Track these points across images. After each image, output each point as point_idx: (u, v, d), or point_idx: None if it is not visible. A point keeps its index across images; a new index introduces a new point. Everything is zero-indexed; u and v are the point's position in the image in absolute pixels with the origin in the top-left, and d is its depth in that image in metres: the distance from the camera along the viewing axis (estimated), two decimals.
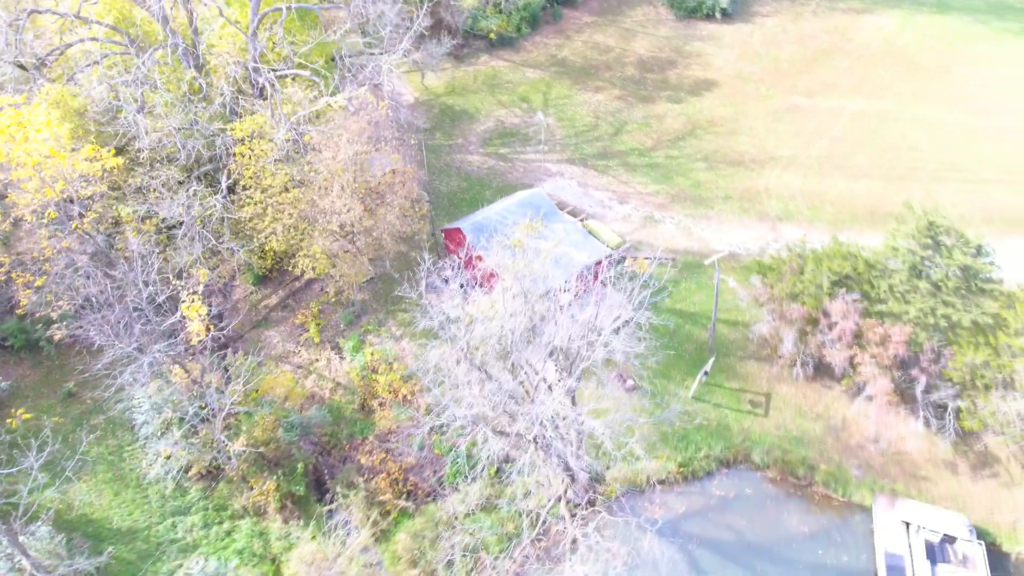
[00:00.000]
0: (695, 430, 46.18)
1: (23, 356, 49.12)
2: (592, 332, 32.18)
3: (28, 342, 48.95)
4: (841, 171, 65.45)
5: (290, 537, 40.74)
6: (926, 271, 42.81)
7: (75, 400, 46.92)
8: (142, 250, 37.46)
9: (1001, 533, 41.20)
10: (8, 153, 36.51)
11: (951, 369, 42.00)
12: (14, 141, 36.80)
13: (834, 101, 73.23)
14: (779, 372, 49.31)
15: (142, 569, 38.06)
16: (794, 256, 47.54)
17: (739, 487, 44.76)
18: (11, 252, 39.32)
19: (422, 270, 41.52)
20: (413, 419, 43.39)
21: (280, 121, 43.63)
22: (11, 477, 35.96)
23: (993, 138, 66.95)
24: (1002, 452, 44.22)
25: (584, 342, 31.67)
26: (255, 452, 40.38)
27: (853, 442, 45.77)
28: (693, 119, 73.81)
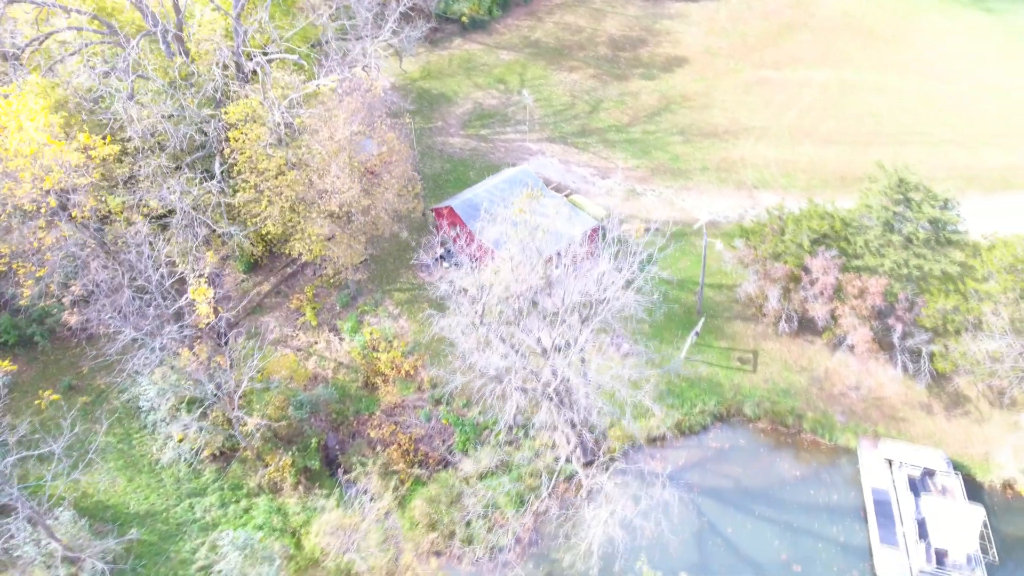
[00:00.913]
0: (689, 388, 48.42)
1: (17, 352, 48.72)
2: (602, 289, 33.82)
3: (21, 338, 48.59)
4: (811, 139, 68.30)
5: (307, 511, 41.72)
6: (898, 226, 45.59)
7: (76, 392, 46.82)
8: (150, 236, 37.65)
9: (975, 465, 44.45)
10: (3, 143, 36.24)
11: (924, 316, 44.93)
12: (7, 131, 36.56)
13: (800, 73, 76.07)
14: (764, 330, 51.86)
15: (165, 549, 38.66)
16: (774, 219, 49.95)
17: (733, 439, 47.22)
18: (7, 244, 39.02)
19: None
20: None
21: (273, 104, 44.00)
22: (35, 469, 36.13)
23: (950, 103, 70.58)
24: (972, 391, 47.50)
25: (597, 297, 33.31)
26: (269, 430, 41.13)
27: (836, 391, 48.58)
28: (667, 95, 75.89)
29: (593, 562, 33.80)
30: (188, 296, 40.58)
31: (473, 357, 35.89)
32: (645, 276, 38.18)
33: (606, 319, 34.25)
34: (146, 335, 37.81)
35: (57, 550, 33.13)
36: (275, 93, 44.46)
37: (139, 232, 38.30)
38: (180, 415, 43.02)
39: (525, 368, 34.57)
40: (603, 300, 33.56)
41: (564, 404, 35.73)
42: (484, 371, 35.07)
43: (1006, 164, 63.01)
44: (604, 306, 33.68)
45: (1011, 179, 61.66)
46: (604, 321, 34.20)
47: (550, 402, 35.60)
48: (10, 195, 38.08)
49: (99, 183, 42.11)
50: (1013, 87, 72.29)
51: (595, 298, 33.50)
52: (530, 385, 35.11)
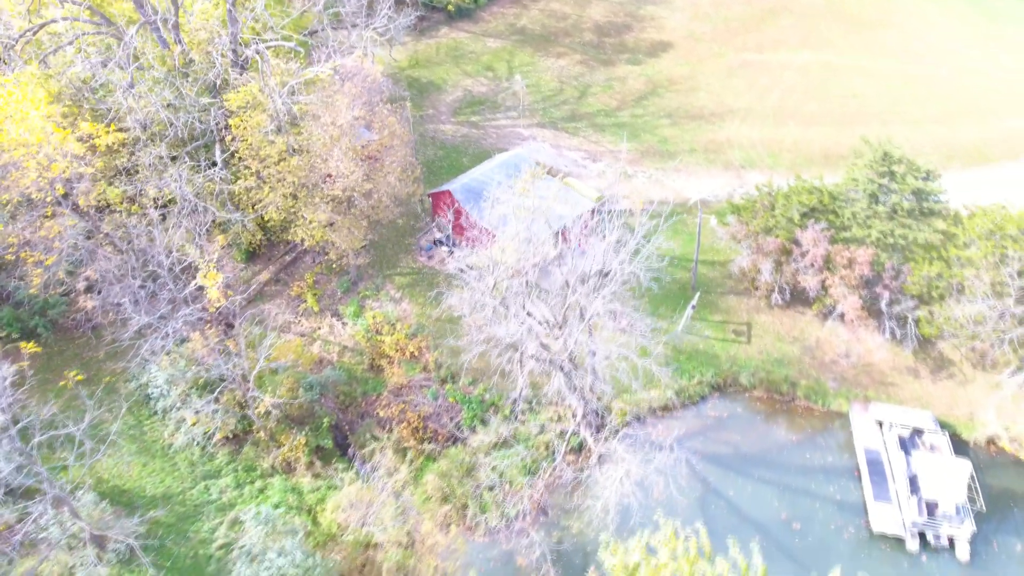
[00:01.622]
0: (687, 360, 49.98)
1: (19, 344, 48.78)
2: (611, 258, 35.10)
3: (24, 330, 48.60)
4: (795, 120, 70.16)
5: (322, 489, 42.61)
6: (883, 198, 47.45)
7: (82, 383, 47.02)
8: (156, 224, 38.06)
9: (960, 424, 46.62)
10: (9, 131, 36.41)
11: (910, 283, 46.90)
12: (12, 119, 36.72)
13: (782, 56, 77.88)
14: (757, 303, 53.60)
15: (185, 529, 39.30)
16: (764, 195, 51.59)
17: (731, 407, 48.92)
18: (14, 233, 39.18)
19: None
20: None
21: (273, 91, 44.48)
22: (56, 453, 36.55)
23: (928, 82, 72.88)
24: (955, 355, 49.69)
25: (606, 266, 34.57)
26: (281, 411, 41.88)
27: (827, 359, 50.49)
28: (653, 79, 77.27)
29: (610, 519, 35.18)
30: (196, 281, 41.15)
31: (491, 327, 36.89)
32: (652, 245, 39.48)
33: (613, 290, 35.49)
34: (158, 320, 38.27)
35: (83, 530, 33.67)
36: (275, 80, 44.92)
37: (150, 218, 38.61)
38: (191, 400, 43.65)
39: (538, 337, 35.71)
40: (610, 272, 34.81)
41: (574, 373, 36.95)
42: (501, 339, 36.11)
43: (983, 139, 65.42)
44: (613, 275, 34.93)
45: (988, 153, 64.08)
46: (612, 292, 35.44)
47: (561, 371, 36.80)
48: (15, 184, 38.27)
49: (101, 172, 42.29)
50: (989, 67, 74.84)
51: (605, 267, 34.74)
52: (544, 355, 36.25)
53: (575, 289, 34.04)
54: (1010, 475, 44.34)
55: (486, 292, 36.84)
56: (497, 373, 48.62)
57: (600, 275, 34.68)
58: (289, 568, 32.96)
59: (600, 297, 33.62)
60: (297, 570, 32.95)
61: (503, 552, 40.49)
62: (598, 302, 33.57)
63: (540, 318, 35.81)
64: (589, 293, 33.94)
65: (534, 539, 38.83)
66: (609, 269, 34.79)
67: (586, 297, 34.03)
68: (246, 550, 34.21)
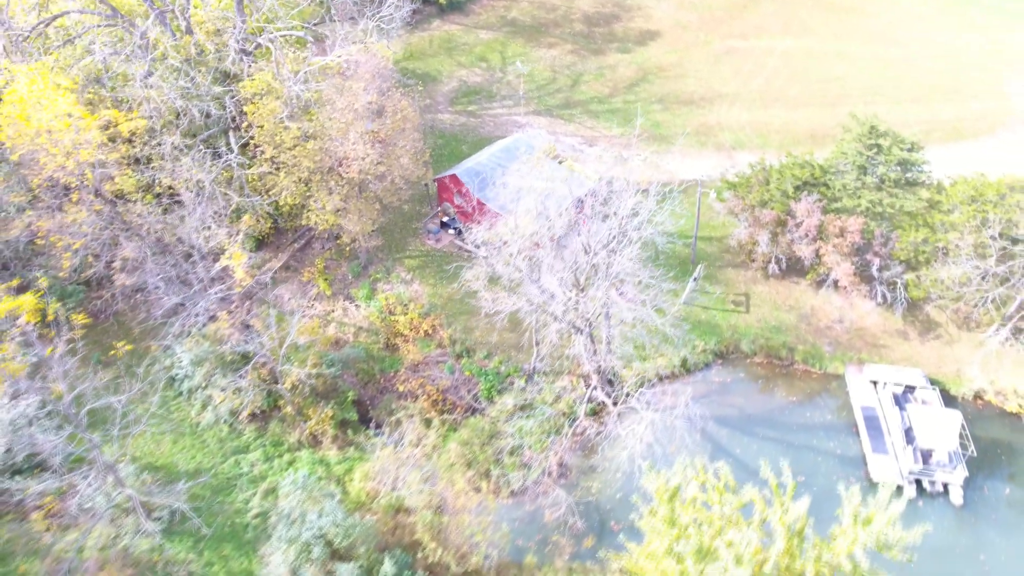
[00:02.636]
0: (691, 329, 52.26)
1: (40, 332, 49.50)
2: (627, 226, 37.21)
3: (44, 318, 49.35)
4: (780, 103, 72.98)
5: (348, 460, 44.13)
6: (871, 169, 50.18)
7: (106, 369, 47.94)
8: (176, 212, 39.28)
9: (948, 381, 49.49)
10: (38, 118, 37.39)
11: (898, 249, 49.66)
12: (41, 106, 37.71)
13: (765, 42, 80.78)
14: (754, 275, 56.11)
15: (220, 501, 40.57)
16: (759, 171, 54.10)
17: (734, 373, 51.33)
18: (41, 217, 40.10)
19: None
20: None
21: (286, 78, 45.83)
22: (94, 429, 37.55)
23: (905, 65, 76.20)
24: (941, 318, 52.62)
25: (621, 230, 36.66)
26: (308, 385, 43.31)
27: (822, 325, 53.14)
28: (643, 67, 79.70)
29: (635, 466, 37.27)
30: (220, 263, 42.43)
31: (508, 297, 38.69)
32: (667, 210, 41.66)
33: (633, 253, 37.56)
34: (189, 297, 39.51)
35: (129, 498, 34.85)
36: (289, 68, 46.28)
37: (182, 200, 39.78)
38: (216, 380, 44.90)
39: (561, 299, 37.64)
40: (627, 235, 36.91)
41: (594, 337, 38.90)
42: (529, 300, 37.94)
43: (959, 117, 68.76)
44: (631, 240, 37.01)
45: (962, 130, 67.41)
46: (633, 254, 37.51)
47: (580, 335, 38.75)
48: (41, 170, 39.21)
49: (123, 159, 43.33)
50: (961, 48, 78.45)
51: (623, 228, 36.80)
52: (567, 317, 38.13)
53: (596, 252, 36.02)
54: (996, 426, 47.27)
55: (507, 262, 38.62)
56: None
57: (619, 236, 36.73)
58: (330, 527, 34.45)
59: (623, 256, 35.62)
60: (338, 529, 34.45)
61: (527, 512, 42.38)
62: (623, 258, 35.55)
63: (561, 281, 37.69)
64: (610, 255, 35.94)
65: (559, 495, 40.74)
66: (626, 232, 36.85)
67: (607, 258, 36.03)
68: (286, 513, 35.61)
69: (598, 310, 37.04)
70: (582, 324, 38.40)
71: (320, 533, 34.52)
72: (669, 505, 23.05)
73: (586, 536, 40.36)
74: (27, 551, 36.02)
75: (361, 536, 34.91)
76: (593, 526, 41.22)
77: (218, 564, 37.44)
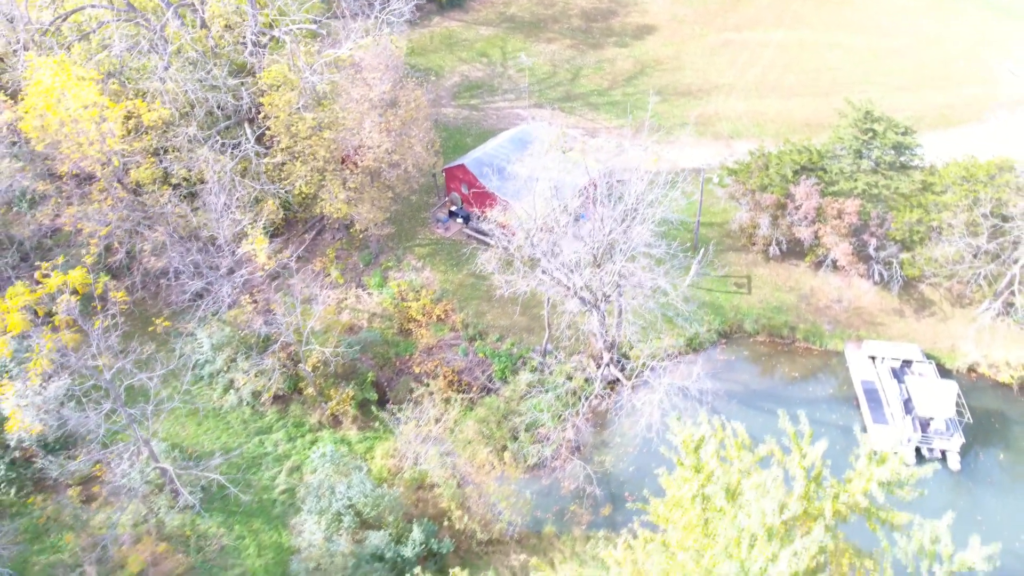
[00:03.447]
0: (696, 311, 54.00)
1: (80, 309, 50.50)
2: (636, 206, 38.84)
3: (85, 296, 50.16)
4: (776, 92, 74.94)
5: (369, 439, 45.47)
6: (867, 153, 52.06)
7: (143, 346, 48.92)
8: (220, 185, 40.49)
9: (943, 355, 51.46)
10: (65, 108, 38.50)
11: (894, 230, 51.59)
12: (70, 95, 38.80)
13: (760, 34, 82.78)
14: (755, 258, 57.92)
15: (247, 479, 41.75)
16: (758, 157, 55.89)
17: (738, 352, 53.09)
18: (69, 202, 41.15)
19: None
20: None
21: (302, 70, 47.11)
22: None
23: (895, 54, 78.40)
24: (935, 296, 54.61)
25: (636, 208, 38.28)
26: (328, 366, 44.60)
27: (821, 304, 55.00)
28: (641, 60, 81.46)
29: (653, 432, 38.92)
30: (243, 248, 43.65)
31: (522, 278, 40.20)
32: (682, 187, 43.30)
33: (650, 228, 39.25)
34: (211, 283, 40.71)
35: (164, 473, 36.02)
36: (304, 60, 47.55)
37: (209, 187, 41.00)
38: (237, 364, 46.12)
39: (582, 273, 39.23)
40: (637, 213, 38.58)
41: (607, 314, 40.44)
42: (552, 273, 39.45)
43: (946, 104, 70.96)
44: (644, 217, 38.66)
45: (951, 116, 69.59)
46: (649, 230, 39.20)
47: (596, 310, 40.30)
48: (66, 159, 40.29)
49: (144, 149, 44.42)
50: (948, 37, 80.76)
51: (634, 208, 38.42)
52: (585, 292, 39.65)
53: (612, 229, 37.60)
54: (990, 397, 49.27)
55: (525, 238, 40.10)
56: (523, 329, 52.24)
57: (632, 214, 38.34)
58: (359, 498, 35.78)
59: (638, 230, 37.24)
60: (367, 499, 35.79)
61: (544, 486, 43.86)
62: (633, 235, 37.14)
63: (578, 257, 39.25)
64: (626, 231, 37.54)
65: (576, 465, 42.26)
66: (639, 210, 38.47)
67: (624, 233, 37.61)
68: (315, 486, 36.91)
69: (615, 281, 38.57)
70: (599, 297, 39.94)
71: (350, 503, 35.86)
72: (695, 455, 24.60)
73: (603, 506, 41.92)
74: (64, 526, 37.14)
75: (389, 506, 36.28)
76: (608, 497, 42.78)
77: (248, 537, 38.66)
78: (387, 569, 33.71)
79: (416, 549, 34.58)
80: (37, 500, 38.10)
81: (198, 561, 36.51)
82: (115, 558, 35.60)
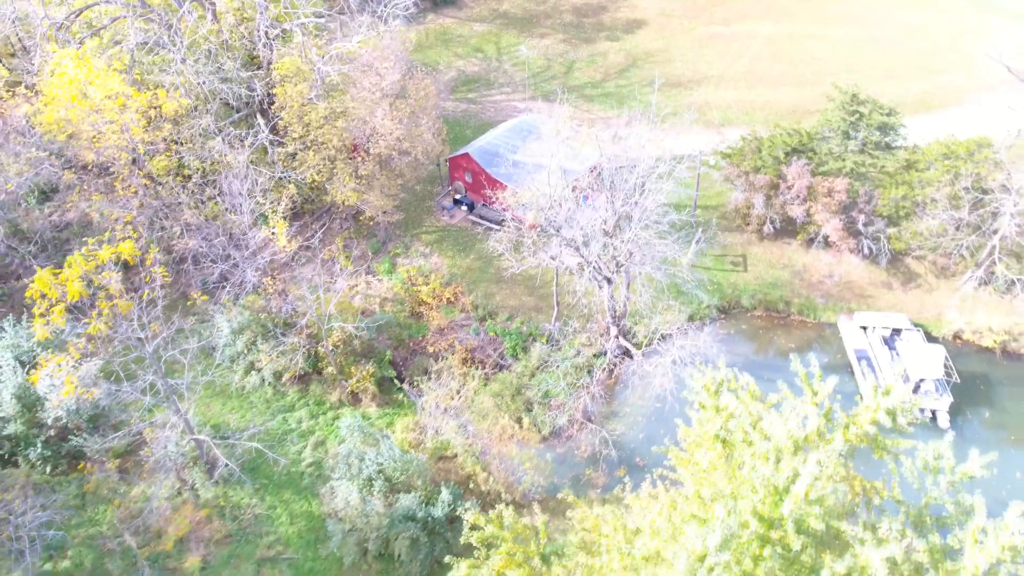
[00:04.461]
0: (695, 288, 56.41)
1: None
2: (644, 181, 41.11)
3: None
4: (763, 82, 77.77)
5: (388, 416, 47.18)
6: (854, 134, 54.82)
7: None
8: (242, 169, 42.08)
9: (930, 323, 54.28)
10: (92, 98, 39.88)
11: (880, 206, 54.36)
12: (95, 85, 40.19)
13: (747, 27, 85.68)
14: (749, 237, 60.47)
15: (274, 452, 43.29)
16: (751, 140, 58.48)
17: (736, 326, 55.53)
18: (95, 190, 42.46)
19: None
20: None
21: (315, 61, 48.81)
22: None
23: (877, 45, 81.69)
24: (920, 268, 57.50)
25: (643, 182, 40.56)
26: (350, 344, 46.28)
27: (814, 280, 57.65)
28: (632, 53, 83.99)
29: (669, 393, 41.11)
30: (262, 233, 45.25)
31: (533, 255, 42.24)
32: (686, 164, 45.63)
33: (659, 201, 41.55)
34: (236, 265, 42.27)
35: (200, 445, 37.50)
36: (316, 52, 49.26)
37: (238, 171, 42.54)
38: (257, 346, 47.63)
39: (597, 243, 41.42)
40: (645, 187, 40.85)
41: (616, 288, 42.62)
42: (570, 242, 41.53)
43: (926, 91, 74.20)
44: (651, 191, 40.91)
45: (930, 102, 72.80)
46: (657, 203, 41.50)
47: (608, 283, 42.45)
48: (90, 147, 41.64)
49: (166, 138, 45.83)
50: (927, 26, 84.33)
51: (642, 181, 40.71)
52: (601, 262, 41.77)
53: (624, 201, 39.78)
54: (975, 360, 52.14)
55: (540, 212, 42.15)
56: (532, 308, 54.23)
57: (640, 188, 40.60)
58: (388, 463, 37.52)
59: (648, 200, 39.48)
60: (396, 464, 37.53)
61: (558, 454, 45.86)
62: (643, 205, 39.35)
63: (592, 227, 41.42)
64: (638, 202, 39.76)
65: (591, 429, 44.33)
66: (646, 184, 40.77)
67: (635, 206, 39.81)
68: (344, 454, 38.57)
69: (628, 249, 40.75)
70: (612, 268, 42.08)
71: (380, 468, 37.57)
72: (715, 397, 26.71)
73: (617, 468, 44.01)
74: (101, 500, 38.45)
75: (416, 471, 38.06)
76: (622, 460, 44.89)
77: (280, 507, 40.22)
78: (419, 528, 35.46)
79: (445, 509, 36.37)
80: (73, 477, 39.37)
81: (234, 528, 38.00)
82: (154, 528, 37.02)
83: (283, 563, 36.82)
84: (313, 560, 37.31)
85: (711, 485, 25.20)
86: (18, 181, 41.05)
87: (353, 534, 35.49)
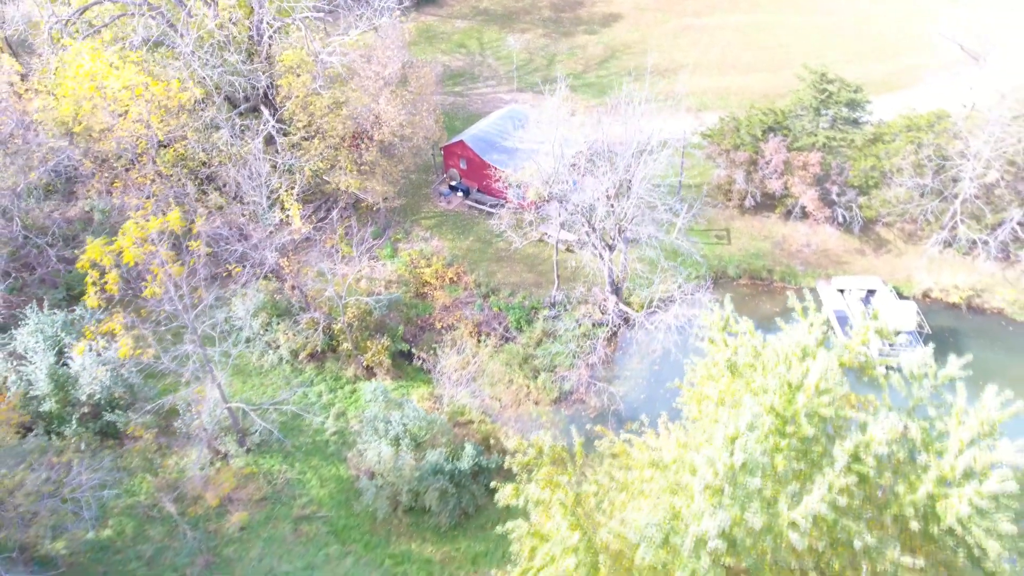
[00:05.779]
0: (683, 261, 59.90)
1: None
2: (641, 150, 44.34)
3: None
4: (735, 69, 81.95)
5: (403, 387, 49.47)
6: (824, 111, 58.89)
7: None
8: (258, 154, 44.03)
9: (901, 284, 58.55)
10: (111, 89, 41.53)
11: (852, 177, 58.49)
12: (114, 76, 41.84)
13: (717, 18, 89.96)
14: (731, 212, 64.22)
15: (297, 425, 45.27)
16: (729, 121, 62.24)
17: (724, 295, 58.93)
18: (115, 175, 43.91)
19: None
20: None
21: (317, 52, 51.00)
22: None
23: (838, 32, 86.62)
24: (890, 235, 61.86)
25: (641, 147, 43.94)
26: (364, 320, 48.48)
27: (793, 249, 61.59)
28: (610, 45, 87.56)
29: (673, 341, 44.15)
30: (277, 215, 47.23)
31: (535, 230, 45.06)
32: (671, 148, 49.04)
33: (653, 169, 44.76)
34: (256, 245, 44.26)
35: (234, 411, 39.34)
36: (318, 44, 51.44)
37: (254, 153, 44.44)
38: (273, 327, 49.54)
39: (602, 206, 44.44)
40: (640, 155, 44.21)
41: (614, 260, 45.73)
42: (576, 205, 44.45)
43: (887, 73, 79.13)
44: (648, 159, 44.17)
45: (891, 83, 77.67)
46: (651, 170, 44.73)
47: (610, 250, 45.48)
48: (105, 136, 43.21)
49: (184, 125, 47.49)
50: (883, 13, 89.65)
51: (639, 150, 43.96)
52: (605, 225, 44.76)
53: (624, 168, 42.88)
54: (943, 316, 56.46)
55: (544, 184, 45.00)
56: (532, 284, 57.04)
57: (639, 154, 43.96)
58: (413, 423, 39.88)
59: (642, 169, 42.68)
60: (421, 423, 39.92)
61: (566, 416, 48.69)
62: (641, 171, 42.55)
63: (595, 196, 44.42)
64: (636, 170, 42.90)
65: (599, 388, 47.26)
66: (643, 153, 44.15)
67: (634, 171, 42.96)
68: (370, 418, 40.81)
69: (632, 214, 43.84)
70: (613, 235, 45.12)
71: (405, 428, 39.91)
72: (723, 332, 29.79)
73: (624, 423, 46.98)
74: (138, 469, 40.04)
75: (440, 430, 40.49)
76: (630, 415, 47.94)
77: (310, 472, 42.26)
78: (447, 480, 37.90)
79: (470, 463, 38.88)
80: (107, 452, 40.87)
81: (269, 491, 39.94)
82: (191, 495, 38.77)
83: (318, 521, 38.89)
84: (347, 517, 39.44)
85: (730, 397, 28.26)
86: (40, 170, 42.34)
87: (385, 489, 37.75)
